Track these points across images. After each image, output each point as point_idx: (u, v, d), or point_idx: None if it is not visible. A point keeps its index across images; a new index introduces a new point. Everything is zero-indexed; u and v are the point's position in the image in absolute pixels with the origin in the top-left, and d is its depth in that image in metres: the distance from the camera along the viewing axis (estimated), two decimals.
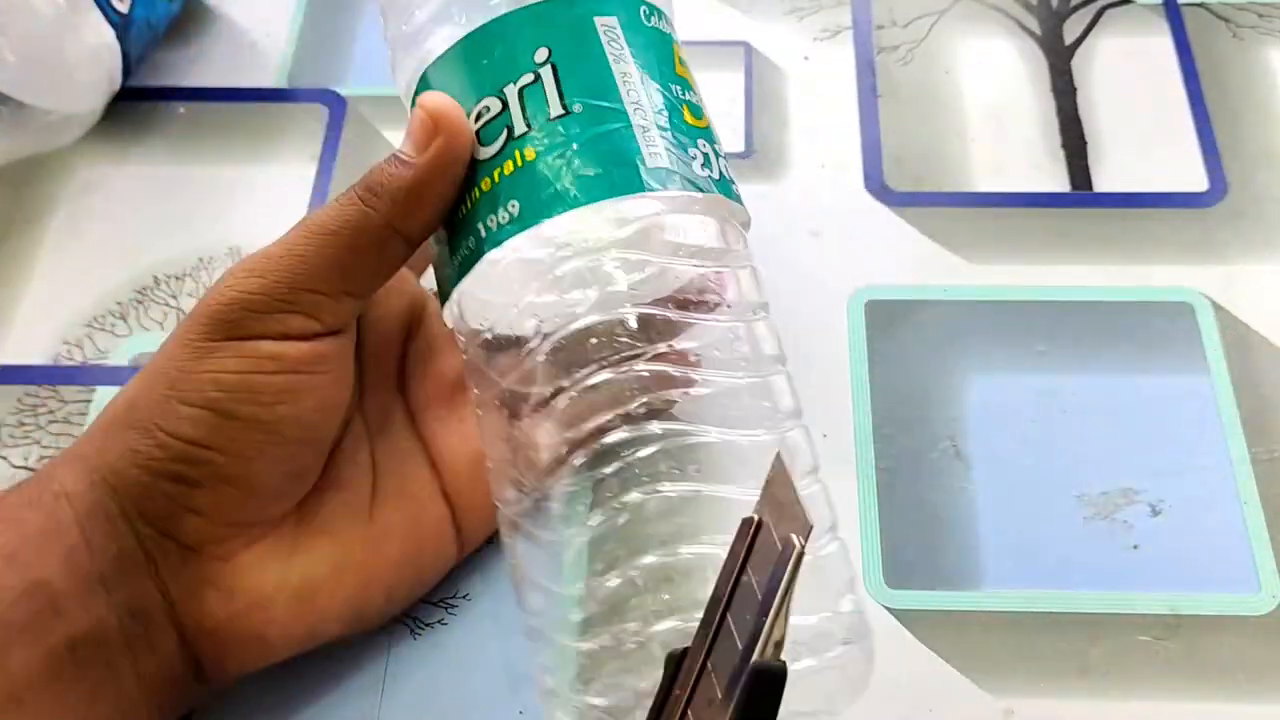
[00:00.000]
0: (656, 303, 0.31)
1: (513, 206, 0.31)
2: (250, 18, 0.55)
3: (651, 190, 0.31)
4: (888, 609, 0.38)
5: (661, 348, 0.31)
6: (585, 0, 0.33)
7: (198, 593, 0.32)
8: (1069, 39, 0.53)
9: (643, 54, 0.33)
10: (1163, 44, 0.52)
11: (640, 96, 0.32)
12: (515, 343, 0.32)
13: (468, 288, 0.32)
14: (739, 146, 0.50)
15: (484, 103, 0.32)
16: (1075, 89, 0.51)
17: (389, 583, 0.35)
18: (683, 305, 0.32)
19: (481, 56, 0.33)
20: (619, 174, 0.31)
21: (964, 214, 0.47)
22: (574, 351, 0.31)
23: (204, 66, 0.54)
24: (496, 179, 0.32)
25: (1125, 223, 0.47)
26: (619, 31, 0.33)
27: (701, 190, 0.32)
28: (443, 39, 0.34)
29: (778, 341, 0.34)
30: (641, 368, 0.30)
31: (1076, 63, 0.52)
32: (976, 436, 0.42)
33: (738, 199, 0.34)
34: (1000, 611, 0.38)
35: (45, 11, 0.46)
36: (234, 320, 0.31)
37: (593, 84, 0.32)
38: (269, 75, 0.53)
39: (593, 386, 0.30)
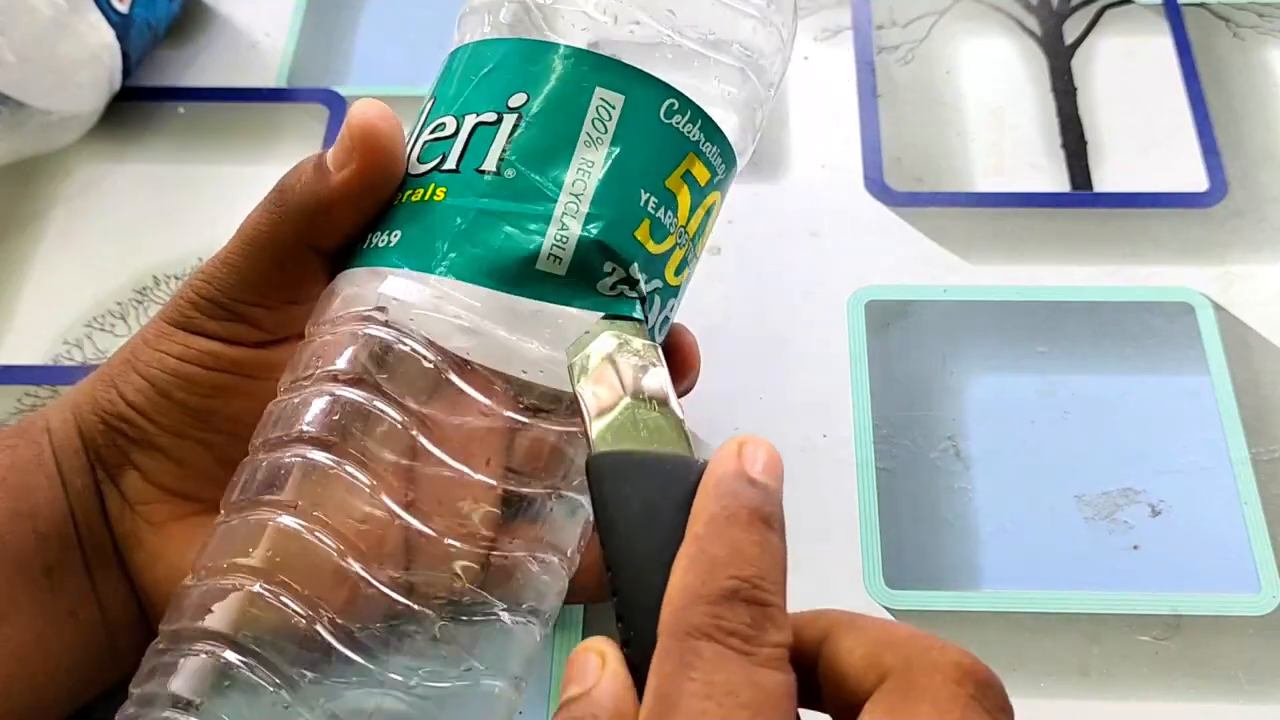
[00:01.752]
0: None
1: (394, 236, 0.29)
2: (250, 18, 0.55)
3: (519, 296, 0.28)
4: (888, 609, 0.38)
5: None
6: (598, 65, 0.29)
7: (131, 547, 0.33)
8: (1069, 39, 0.53)
9: (631, 148, 0.29)
10: (1163, 44, 0.52)
11: (585, 190, 0.29)
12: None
13: (337, 280, 0.31)
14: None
15: (446, 119, 0.30)
16: (1075, 89, 0.51)
17: None
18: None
19: (475, 70, 0.30)
20: (498, 262, 0.28)
21: (964, 214, 0.47)
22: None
23: (204, 66, 0.54)
24: (402, 200, 0.30)
25: (1125, 223, 0.47)
26: (615, 112, 0.29)
27: (592, 310, 0.28)
28: (473, 31, 0.32)
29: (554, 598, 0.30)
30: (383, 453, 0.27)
31: (1076, 63, 0.52)
32: (976, 436, 0.42)
33: (636, 318, 0.29)
34: (1000, 611, 0.38)
35: (45, 12, 0.46)
36: (188, 316, 0.32)
37: (542, 155, 0.29)
38: (269, 75, 0.53)
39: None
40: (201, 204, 0.49)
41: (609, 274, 0.29)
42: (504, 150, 0.29)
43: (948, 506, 0.40)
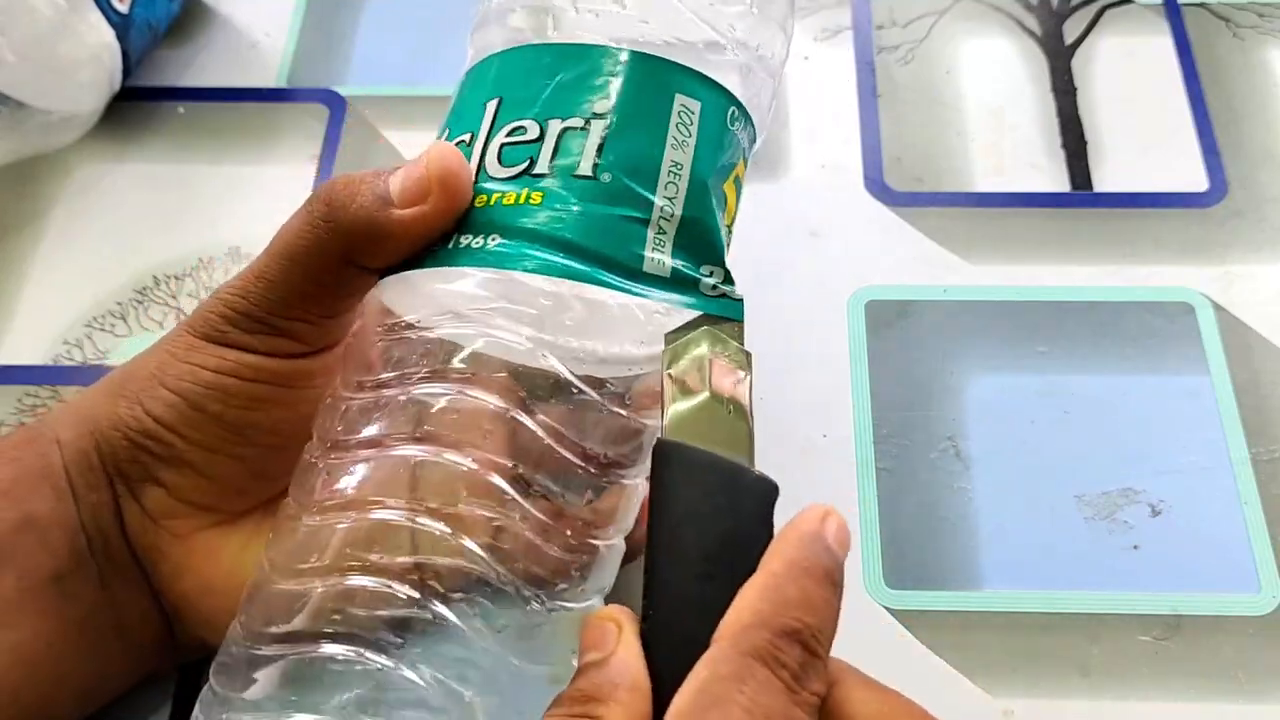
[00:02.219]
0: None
1: (494, 240, 0.29)
2: (250, 18, 0.55)
3: (624, 291, 0.29)
4: (888, 609, 0.38)
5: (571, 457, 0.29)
6: (678, 72, 0.31)
7: (155, 560, 0.33)
8: (1069, 39, 0.53)
9: (707, 152, 0.31)
10: (1163, 44, 0.52)
11: (678, 194, 0.30)
12: (421, 349, 0.30)
13: (417, 277, 0.30)
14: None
15: (525, 122, 0.30)
16: (1075, 89, 0.51)
17: None
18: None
19: (551, 74, 0.31)
20: (605, 262, 0.29)
21: (964, 214, 0.47)
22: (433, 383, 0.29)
23: (204, 66, 0.54)
24: (493, 202, 0.30)
25: (1125, 223, 0.47)
26: (695, 118, 0.31)
27: (699, 308, 0.30)
28: (530, 31, 0.32)
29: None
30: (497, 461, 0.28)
31: (1076, 63, 0.52)
32: (976, 436, 0.42)
33: (737, 319, 0.31)
34: (1000, 611, 0.38)
35: (45, 12, 0.46)
36: (221, 330, 0.32)
37: (635, 160, 0.30)
38: (269, 75, 0.53)
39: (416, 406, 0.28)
40: (201, 204, 0.49)
41: (708, 275, 0.30)
42: (598, 155, 0.30)
43: (948, 506, 0.40)
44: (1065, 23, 0.53)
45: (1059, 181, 0.48)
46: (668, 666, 0.25)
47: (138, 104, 0.52)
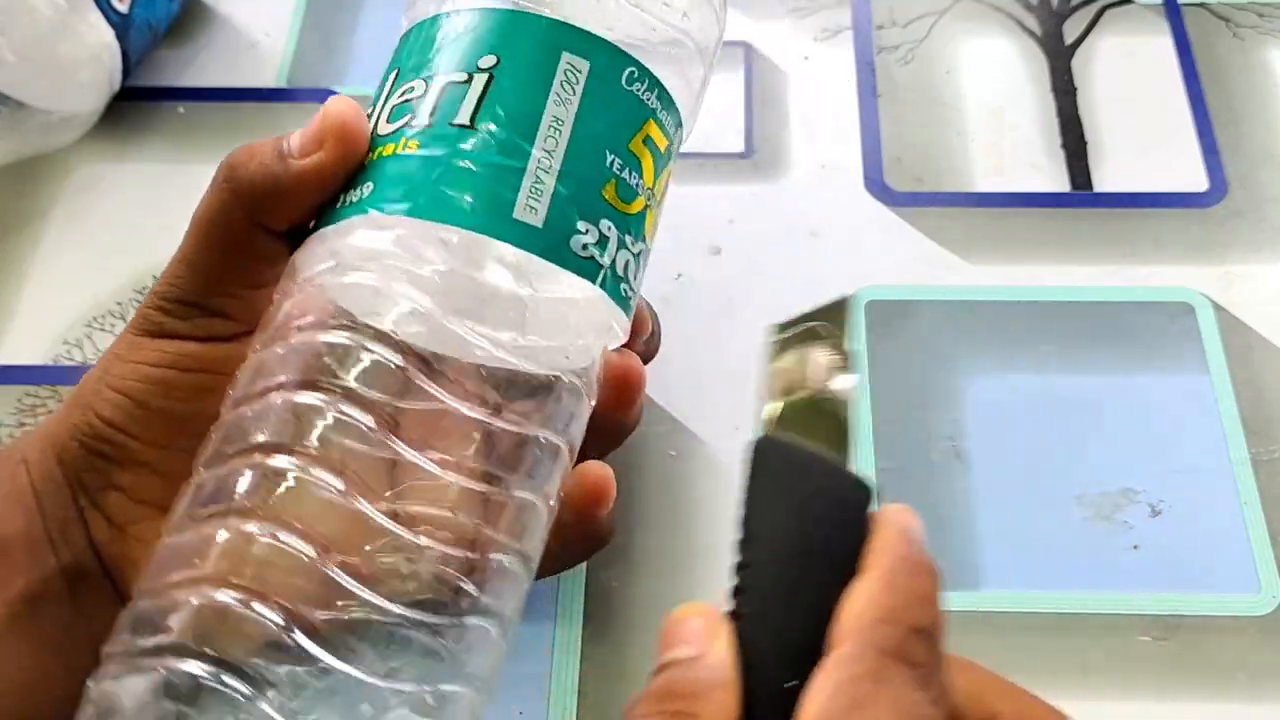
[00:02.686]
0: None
1: (365, 189, 0.30)
2: (250, 18, 0.55)
3: (497, 238, 0.28)
4: None
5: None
6: (564, 31, 0.31)
7: (124, 569, 0.32)
8: (1069, 39, 0.53)
9: (595, 110, 0.30)
10: (1163, 44, 0.52)
11: (556, 148, 0.29)
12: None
13: (312, 239, 0.31)
14: (739, 146, 0.50)
15: (414, 83, 0.31)
16: (1075, 89, 0.51)
17: None
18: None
19: (443, 38, 0.31)
20: (475, 206, 0.28)
21: (964, 214, 0.47)
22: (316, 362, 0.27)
23: (203, 67, 0.54)
24: (376, 155, 0.30)
25: (1125, 223, 0.47)
26: (582, 77, 0.30)
27: (566, 268, 0.29)
28: (433, 4, 0.33)
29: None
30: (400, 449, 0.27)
31: (1076, 63, 0.52)
32: (976, 436, 0.42)
33: (621, 303, 0.31)
34: (1000, 611, 0.38)
35: (45, 11, 0.46)
36: (157, 322, 0.32)
37: (515, 113, 0.30)
38: (269, 75, 0.53)
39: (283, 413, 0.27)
40: None
41: (583, 233, 0.29)
42: (477, 105, 0.30)
43: (948, 506, 0.40)
44: (1065, 23, 0.53)
45: (1059, 181, 0.48)
46: (760, 666, 0.24)
47: (138, 104, 0.52)
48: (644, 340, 0.35)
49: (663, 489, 0.41)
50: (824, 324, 0.28)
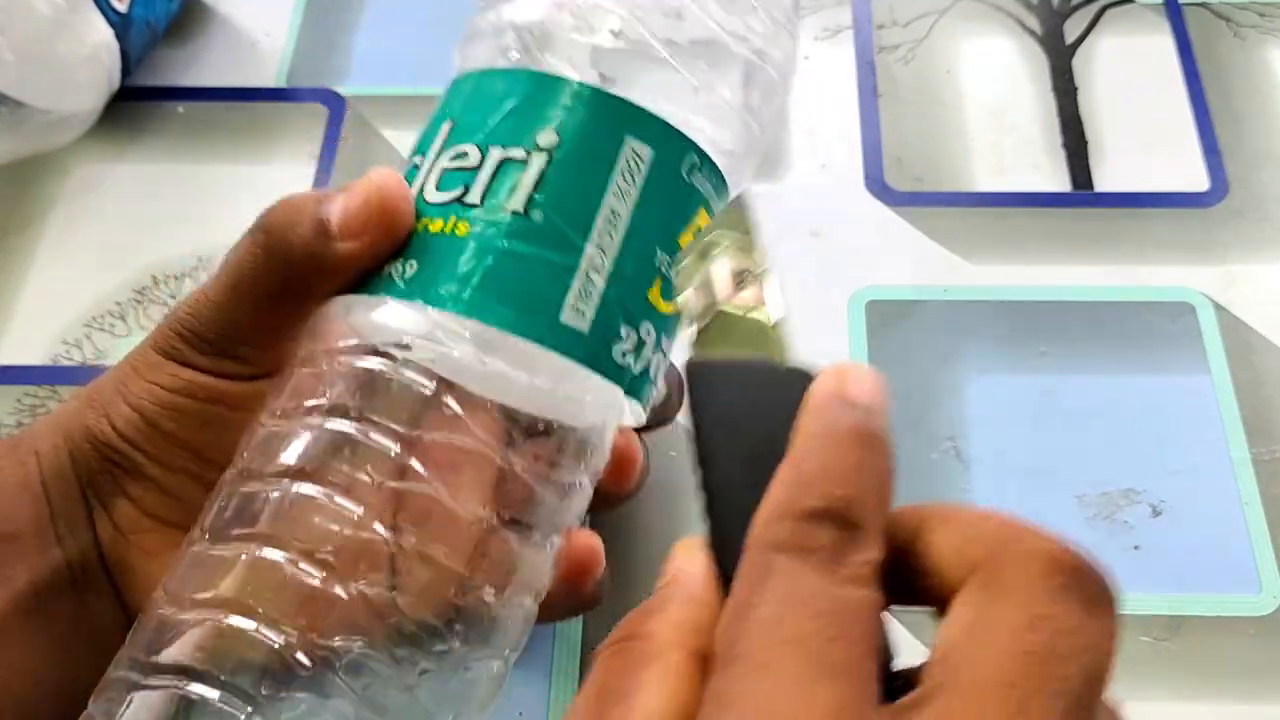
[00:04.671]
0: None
1: (409, 266, 0.28)
2: (250, 17, 0.55)
3: (538, 343, 0.27)
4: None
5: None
6: (631, 113, 0.29)
7: (124, 574, 0.32)
8: (1070, 38, 0.53)
9: (653, 203, 0.29)
10: (1164, 43, 0.52)
11: (610, 244, 0.28)
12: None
13: (343, 302, 0.30)
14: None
15: (468, 148, 0.29)
16: (1076, 88, 0.51)
17: None
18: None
19: (497, 100, 0.29)
20: (522, 308, 0.27)
21: (964, 214, 0.47)
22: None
23: (203, 66, 0.54)
24: (422, 229, 0.29)
25: (1125, 223, 0.47)
26: (644, 166, 0.29)
27: (598, 372, 0.28)
28: (483, 56, 0.31)
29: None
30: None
31: (1077, 62, 0.52)
32: (976, 436, 0.41)
33: (641, 401, 0.30)
34: None
35: (44, 11, 0.46)
36: (176, 348, 0.32)
37: (571, 202, 0.28)
38: (268, 75, 0.53)
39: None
40: (201, 204, 0.49)
41: (624, 339, 0.28)
42: (533, 191, 0.28)
43: None
44: (1066, 22, 0.53)
45: (1059, 181, 0.48)
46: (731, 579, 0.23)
47: (137, 104, 0.52)
48: (659, 408, 0.34)
49: (663, 489, 0.41)
50: (720, 233, 0.27)
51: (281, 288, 0.30)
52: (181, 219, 0.49)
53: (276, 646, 0.25)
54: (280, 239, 0.30)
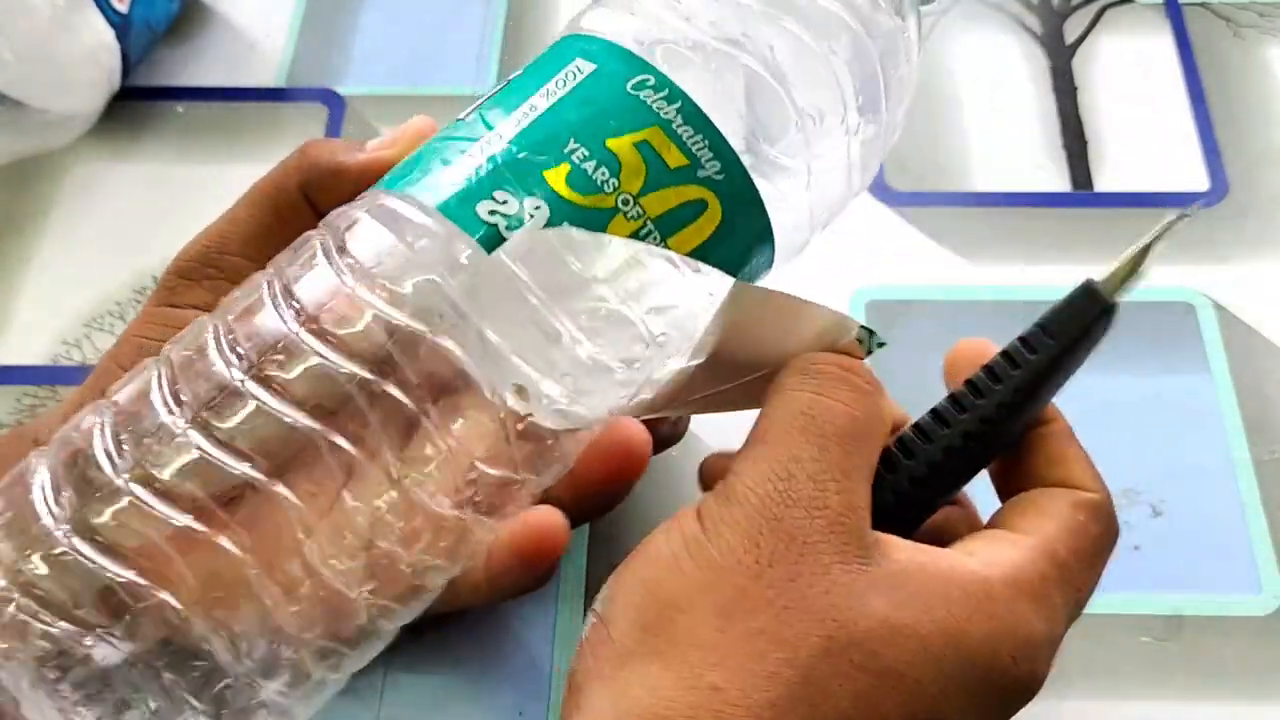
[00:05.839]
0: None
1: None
2: (250, 17, 0.55)
3: (400, 193, 0.29)
4: None
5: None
6: (597, 45, 0.31)
7: None
8: (1070, 38, 0.53)
9: (578, 104, 0.30)
10: (1164, 43, 0.52)
11: (512, 130, 0.30)
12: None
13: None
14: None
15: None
16: (1076, 89, 0.51)
17: None
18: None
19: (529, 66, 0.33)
20: (415, 176, 0.30)
21: (964, 214, 0.47)
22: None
23: (203, 66, 0.54)
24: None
25: (1125, 223, 0.47)
26: (579, 76, 0.31)
27: (456, 220, 0.29)
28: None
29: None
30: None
31: (1077, 62, 0.52)
32: None
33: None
34: None
35: (44, 11, 0.46)
36: (169, 287, 0.32)
37: (499, 103, 0.31)
38: (268, 75, 0.53)
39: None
40: (201, 204, 0.49)
41: (499, 202, 0.29)
42: (480, 102, 0.31)
43: None
44: (1066, 22, 0.53)
45: (1059, 181, 0.48)
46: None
47: (137, 104, 0.52)
48: (671, 421, 0.35)
49: (662, 488, 0.41)
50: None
51: (297, 184, 0.32)
52: (181, 219, 0.48)
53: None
54: (312, 150, 0.33)
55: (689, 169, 0.31)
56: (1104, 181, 0.48)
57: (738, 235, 0.32)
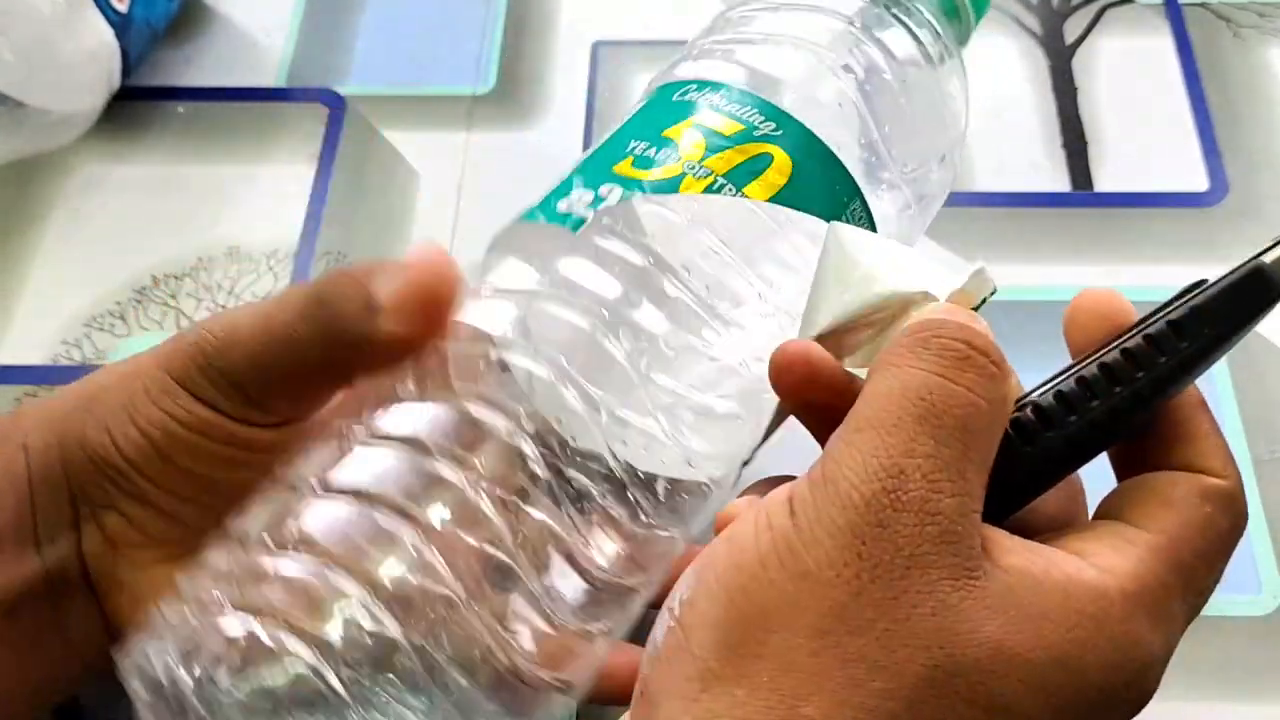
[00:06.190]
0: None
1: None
2: (250, 17, 0.55)
3: (526, 220, 0.33)
4: None
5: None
6: (673, 85, 0.35)
7: (109, 589, 0.31)
8: (1070, 38, 0.53)
9: (638, 117, 0.34)
10: (1163, 44, 0.52)
11: (580, 159, 0.34)
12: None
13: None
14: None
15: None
16: (1076, 89, 0.51)
17: None
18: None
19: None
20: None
21: (964, 214, 0.47)
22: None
23: (203, 66, 0.54)
24: None
25: (1125, 223, 0.47)
26: (648, 97, 0.35)
27: (543, 215, 0.32)
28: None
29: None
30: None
31: (1077, 62, 0.52)
32: None
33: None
34: None
35: (44, 11, 0.46)
36: (193, 379, 0.30)
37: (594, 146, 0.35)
38: (268, 75, 0.53)
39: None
40: (201, 204, 0.49)
41: (571, 195, 0.32)
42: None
43: None
44: (1066, 22, 0.53)
45: (1059, 181, 0.48)
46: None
47: (137, 104, 0.52)
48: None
49: None
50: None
51: (324, 358, 0.29)
52: (181, 219, 0.49)
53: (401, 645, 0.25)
54: (332, 305, 0.29)
55: (745, 133, 0.32)
56: (1104, 181, 0.48)
57: (814, 180, 0.33)
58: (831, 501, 0.23)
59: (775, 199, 0.32)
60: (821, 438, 0.27)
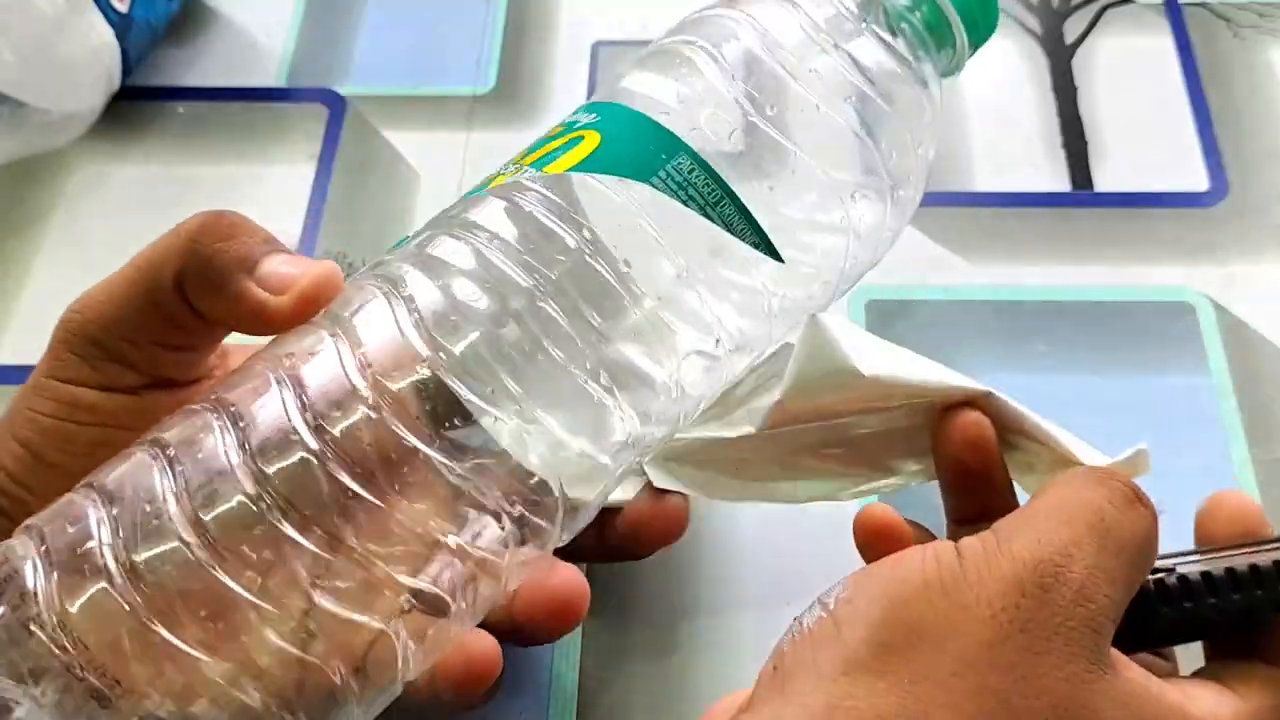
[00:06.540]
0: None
1: None
2: (250, 17, 0.55)
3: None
4: None
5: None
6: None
7: None
8: (1070, 38, 0.53)
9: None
10: (1163, 43, 0.52)
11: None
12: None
13: None
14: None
15: None
16: (1076, 89, 0.51)
17: None
18: None
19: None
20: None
21: (964, 214, 0.47)
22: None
23: (204, 66, 0.54)
24: None
25: (1125, 223, 0.47)
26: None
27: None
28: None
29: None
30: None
31: (1077, 62, 0.52)
32: None
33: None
34: None
35: (45, 11, 0.46)
36: (62, 360, 0.30)
37: None
38: (269, 75, 0.53)
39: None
40: (201, 204, 0.48)
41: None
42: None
43: None
44: (1066, 22, 0.53)
45: (1059, 181, 0.48)
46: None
47: (137, 104, 0.52)
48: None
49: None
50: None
51: (173, 286, 0.29)
52: (181, 219, 0.49)
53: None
54: (204, 242, 0.29)
55: (565, 130, 0.33)
56: (1104, 181, 0.48)
57: (623, 145, 0.32)
58: (1002, 554, 0.26)
59: (578, 168, 0.31)
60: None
